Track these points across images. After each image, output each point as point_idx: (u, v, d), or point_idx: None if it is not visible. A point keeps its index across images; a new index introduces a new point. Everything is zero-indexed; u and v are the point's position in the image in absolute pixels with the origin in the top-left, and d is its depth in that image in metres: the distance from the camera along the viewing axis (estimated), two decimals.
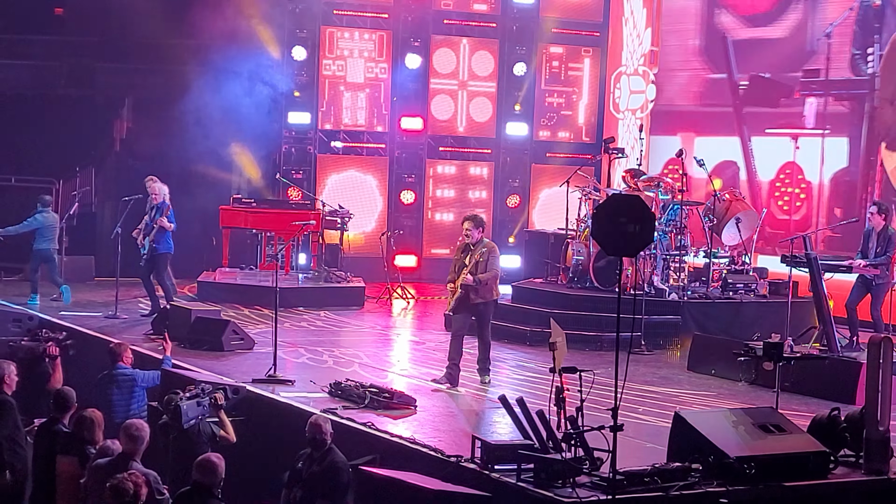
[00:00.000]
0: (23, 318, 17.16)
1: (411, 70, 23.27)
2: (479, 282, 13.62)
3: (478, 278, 13.60)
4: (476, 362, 14.13)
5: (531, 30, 24.00)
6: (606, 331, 16.17)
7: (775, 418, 10.46)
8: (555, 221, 21.11)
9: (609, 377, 9.48)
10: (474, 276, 13.61)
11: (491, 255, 13.72)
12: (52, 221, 19.24)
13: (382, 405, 12.37)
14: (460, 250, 14.01)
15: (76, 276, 20.26)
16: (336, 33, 23.21)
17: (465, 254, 13.84)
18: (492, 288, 13.83)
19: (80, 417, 10.59)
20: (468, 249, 13.82)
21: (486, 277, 13.64)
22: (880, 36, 20.37)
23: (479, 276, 13.61)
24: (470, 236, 13.81)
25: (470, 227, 13.85)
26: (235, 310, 18.56)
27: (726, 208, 18.14)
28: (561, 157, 23.94)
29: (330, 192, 22.78)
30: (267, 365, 13.86)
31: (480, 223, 13.97)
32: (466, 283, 13.64)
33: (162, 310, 17.10)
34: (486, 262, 13.65)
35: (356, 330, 18.09)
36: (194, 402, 11.45)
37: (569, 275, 18.46)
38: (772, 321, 16.25)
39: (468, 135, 24.12)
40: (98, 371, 13.14)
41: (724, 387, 14.36)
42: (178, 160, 20.69)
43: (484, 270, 13.63)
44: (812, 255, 15.68)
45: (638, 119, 23.19)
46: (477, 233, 13.82)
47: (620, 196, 11.06)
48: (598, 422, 9.70)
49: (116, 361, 12.90)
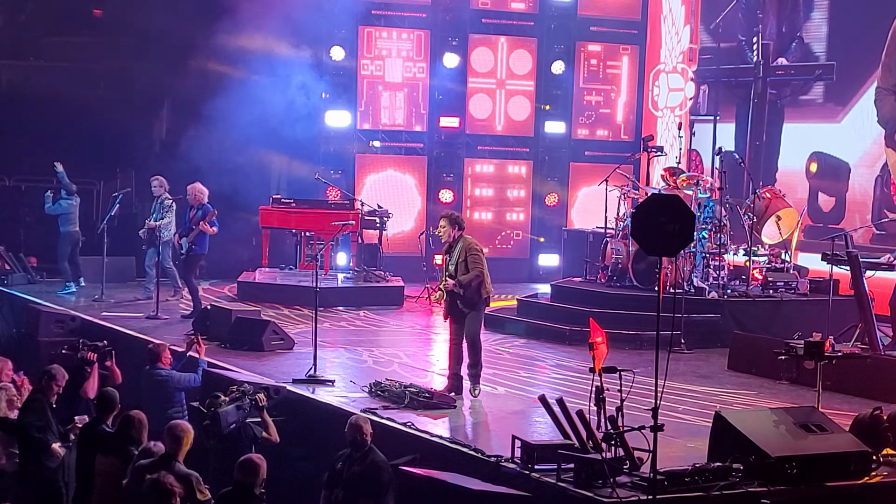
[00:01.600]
0: (65, 319, 17.32)
1: (449, 69, 23.28)
2: (460, 284, 12.79)
3: (459, 281, 12.79)
4: (467, 367, 13.17)
5: (569, 28, 23.95)
6: (646, 330, 16.09)
7: (817, 418, 10.40)
8: (594, 220, 21.09)
9: (649, 376, 9.46)
10: (455, 279, 12.86)
11: (470, 255, 12.82)
12: (76, 205, 20.39)
13: (422, 405, 12.40)
14: (445, 251, 13.32)
15: (117, 276, 20.39)
16: (374, 33, 23.24)
17: (447, 253, 13.15)
18: (477, 289, 12.88)
19: (126, 418, 10.64)
20: (451, 250, 13.05)
21: (466, 279, 12.77)
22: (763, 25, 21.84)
23: (459, 279, 12.79)
24: (446, 235, 13.02)
25: (444, 224, 13.03)
26: (275, 310, 18.64)
27: (766, 206, 18.05)
28: (599, 156, 23.87)
29: (368, 192, 22.83)
30: (307, 365, 13.92)
31: (455, 220, 13.07)
32: (447, 287, 12.88)
33: (203, 310, 17.20)
34: (464, 263, 12.82)
35: (395, 329, 18.12)
36: (234, 407, 11.50)
37: (608, 273, 18.43)
38: (813, 320, 16.14)
39: (506, 133, 24.10)
40: (139, 372, 13.24)
41: (765, 386, 14.30)
42: (217, 161, 20.77)
43: (465, 271, 12.83)
44: (853, 252, 15.59)
45: (677, 117, 23.10)
46: (453, 231, 12.97)
47: (660, 196, 11.04)
48: (638, 421, 9.67)
49: (156, 362, 12.99)
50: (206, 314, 16.81)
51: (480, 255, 12.95)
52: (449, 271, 12.97)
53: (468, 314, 13.00)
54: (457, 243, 12.98)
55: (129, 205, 19.75)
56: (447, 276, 12.97)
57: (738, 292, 17.57)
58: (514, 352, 16.35)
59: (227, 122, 20.91)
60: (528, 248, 24.10)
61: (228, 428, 11.40)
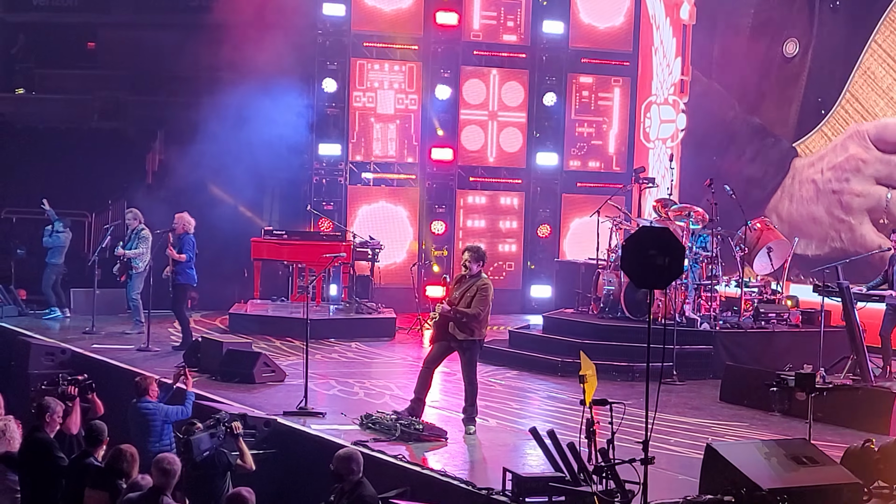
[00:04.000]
0: (55, 352, 17.28)
1: (441, 101, 23.34)
2: (454, 312, 12.75)
3: (456, 309, 12.77)
4: (461, 410, 13.18)
5: (560, 60, 24.04)
6: (638, 361, 16.09)
7: (808, 450, 10.37)
8: (586, 251, 21.09)
9: (641, 408, 9.44)
10: (453, 306, 12.82)
11: (480, 292, 12.74)
12: (69, 239, 20.75)
13: (413, 437, 12.37)
14: (455, 281, 13.21)
15: (109, 308, 20.35)
16: (366, 65, 23.30)
17: (458, 285, 13.02)
18: (474, 328, 12.81)
19: (117, 451, 10.57)
20: (463, 281, 12.99)
21: (465, 312, 12.72)
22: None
23: (458, 309, 12.76)
24: (469, 268, 12.89)
25: (469, 258, 12.90)
26: (267, 342, 18.60)
27: (757, 237, 18.07)
28: (591, 187, 23.91)
29: (361, 224, 22.83)
30: (298, 397, 13.88)
31: (481, 256, 12.98)
32: (443, 312, 12.86)
33: (194, 342, 17.16)
34: (472, 298, 12.75)
35: (387, 361, 18.08)
36: (207, 434, 11.48)
37: (600, 305, 18.43)
38: (804, 351, 16.13)
39: (498, 165, 24.14)
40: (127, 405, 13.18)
41: (757, 417, 14.28)
42: (209, 192, 20.81)
43: (469, 305, 12.79)
44: (844, 284, 15.60)
45: (668, 148, 23.15)
46: (476, 266, 12.89)
47: (650, 228, 11.04)
48: (629, 454, 9.64)
49: (142, 395, 12.91)
50: (197, 346, 16.77)
51: (490, 297, 12.88)
52: (453, 297, 12.90)
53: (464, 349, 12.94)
54: (476, 277, 12.92)
55: (120, 237, 19.70)
56: (447, 301, 12.93)
57: (729, 324, 17.57)
58: (505, 383, 16.33)
59: (219, 154, 20.93)
60: (521, 279, 24.11)
61: (201, 455, 11.37)
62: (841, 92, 20.13)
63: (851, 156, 19.99)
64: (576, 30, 24.13)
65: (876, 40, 19.60)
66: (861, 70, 19.85)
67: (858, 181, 19.85)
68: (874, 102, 19.72)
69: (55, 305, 20.47)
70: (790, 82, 21.19)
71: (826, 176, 20.48)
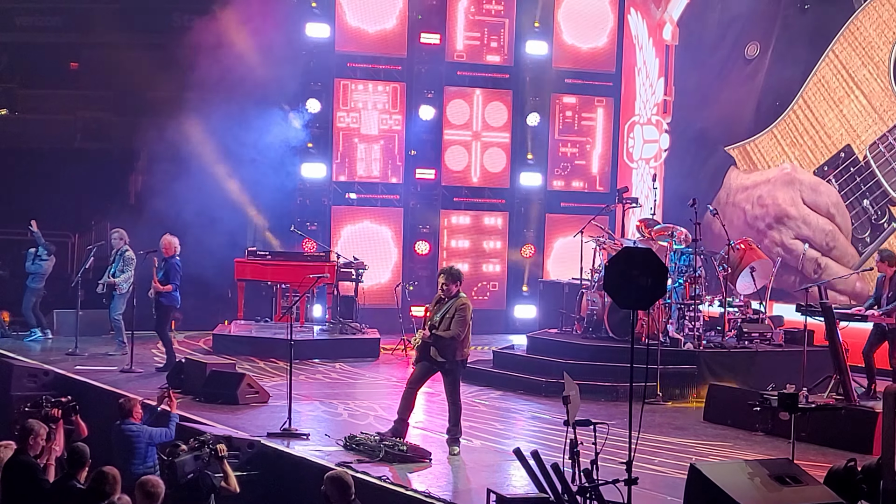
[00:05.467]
0: (38, 374, 17.18)
1: (425, 121, 23.38)
2: (433, 338, 12.79)
3: (435, 334, 12.78)
4: (445, 431, 13.17)
5: (544, 80, 24.11)
6: (622, 381, 16.05)
7: (792, 469, 10.37)
8: (569, 271, 21.11)
9: (625, 428, 9.44)
10: (433, 331, 12.81)
11: (458, 313, 12.76)
12: (52, 265, 20.73)
13: (398, 458, 12.36)
14: (434, 303, 13.14)
15: (92, 329, 20.33)
16: (350, 86, 23.33)
17: (437, 306, 13.00)
18: (455, 349, 12.85)
19: (99, 473, 10.49)
20: (442, 302, 12.98)
21: (444, 335, 12.74)
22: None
23: (436, 333, 12.77)
24: (446, 290, 12.91)
25: (445, 281, 12.93)
26: (250, 362, 18.57)
27: (740, 257, 18.10)
28: (575, 207, 23.94)
29: (345, 244, 22.82)
30: (282, 418, 13.84)
31: (457, 277, 13.00)
32: (424, 338, 12.87)
33: (177, 363, 17.12)
34: (451, 319, 12.77)
35: (371, 382, 18.06)
36: (191, 457, 11.44)
37: (584, 325, 18.44)
38: (788, 370, 16.13)
39: (482, 185, 24.18)
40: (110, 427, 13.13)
41: (741, 437, 14.30)
42: (192, 213, 20.76)
43: (448, 328, 12.79)
44: (827, 303, 15.63)
45: (651, 168, 23.21)
46: (454, 287, 12.90)
47: (632, 249, 11.05)
48: (613, 474, 9.64)
49: (125, 417, 12.87)
50: (181, 367, 16.73)
51: (468, 317, 12.88)
52: (433, 321, 12.90)
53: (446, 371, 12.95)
54: (454, 298, 12.94)
55: (103, 258, 19.67)
56: (428, 325, 12.93)
57: (713, 343, 17.60)
58: (489, 404, 16.32)
59: (202, 174, 20.94)
60: (505, 299, 24.12)
61: (185, 477, 11.33)
62: (795, 97, 20.53)
63: (781, 208, 20.60)
64: (559, 50, 24.20)
65: (834, 50, 19.83)
66: (816, 78, 20.08)
67: (778, 232, 20.52)
68: (824, 113, 20.12)
69: (35, 326, 20.45)
70: (747, 83, 21.55)
71: (754, 211, 21.10)
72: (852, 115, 19.67)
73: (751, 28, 21.71)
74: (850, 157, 19.69)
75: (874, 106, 19.34)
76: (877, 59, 19.30)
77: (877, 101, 19.31)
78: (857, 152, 19.58)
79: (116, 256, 18.94)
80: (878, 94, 19.29)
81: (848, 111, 19.74)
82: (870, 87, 19.41)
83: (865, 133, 19.45)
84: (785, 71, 20.82)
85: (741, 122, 21.73)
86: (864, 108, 19.51)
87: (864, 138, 19.46)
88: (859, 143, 19.56)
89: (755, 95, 21.44)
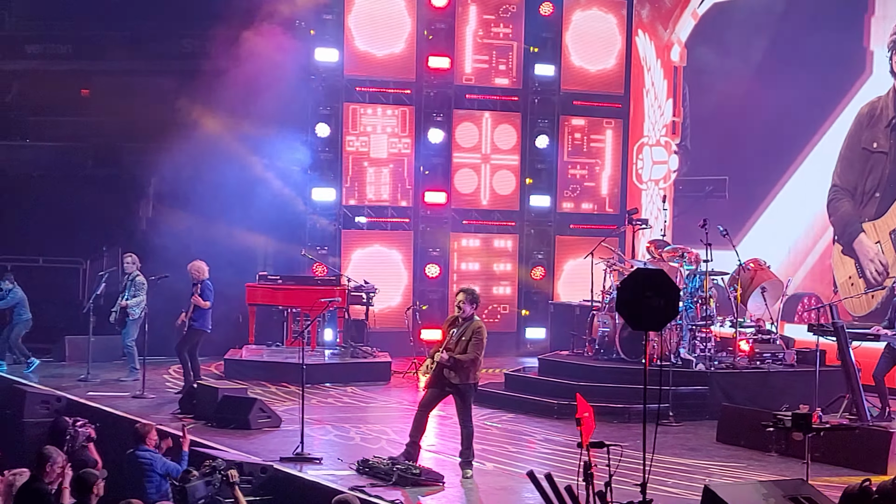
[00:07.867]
0: (50, 400, 17.19)
1: (434, 144, 23.43)
2: (452, 361, 12.80)
3: (453, 357, 12.81)
4: (458, 454, 13.18)
5: (552, 103, 24.16)
6: (634, 403, 16.05)
7: (806, 490, 10.35)
8: (580, 293, 21.09)
9: (638, 450, 9.44)
10: (451, 354, 12.84)
11: (475, 337, 12.80)
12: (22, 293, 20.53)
13: (410, 482, 12.35)
14: (448, 323, 13.21)
15: (104, 355, 20.35)
16: (359, 110, 23.38)
17: (451, 327, 13.07)
18: (469, 371, 12.89)
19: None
20: (456, 323, 13.06)
21: (463, 359, 12.78)
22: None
23: (455, 356, 12.81)
24: (462, 310, 12.96)
25: (463, 299, 12.97)
26: (262, 387, 18.57)
27: (751, 278, 18.09)
28: (585, 229, 23.94)
29: (355, 268, 22.83)
30: (294, 443, 13.84)
31: (475, 298, 13.06)
32: (441, 361, 12.85)
33: (189, 388, 17.12)
34: (467, 342, 12.81)
35: (383, 405, 18.05)
36: (203, 482, 11.44)
37: (595, 346, 18.42)
38: (800, 390, 16.14)
39: (492, 208, 24.20)
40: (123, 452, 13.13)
41: (754, 458, 14.25)
42: (203, 238, 20.80)
43: (464, 351, 12.83)
44: (839, 323, 15.62)
45: (661, 189, 23.22)
46: (470, 308, 12.95)
47: (644, 271, 11.07)
48: (627, 496, 9.64)
49: (140, 442, 12.82)
50: (193, 392, 16.73)
51: (484, 341, 12.93)
52: (449, 341, 12.91)
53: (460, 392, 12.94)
54: (467, 321, 12.98)
55: (115, 283, 19.70)
56: (443, 348, 12.92)
57: (725, 364, 17.57)
58: (501, 426, 16.30)
59: (213, 199, 20.97)
60: (515, 321, 24.10)
61: (197, 503, 11.33)
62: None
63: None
64: (567, 72, 24.24)
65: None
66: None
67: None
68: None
69: (31, 356, 20.39)
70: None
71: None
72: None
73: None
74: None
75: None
76: None
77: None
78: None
79: (128, 282, 18.98)
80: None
81: None
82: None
83: None
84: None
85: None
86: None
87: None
88: None
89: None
